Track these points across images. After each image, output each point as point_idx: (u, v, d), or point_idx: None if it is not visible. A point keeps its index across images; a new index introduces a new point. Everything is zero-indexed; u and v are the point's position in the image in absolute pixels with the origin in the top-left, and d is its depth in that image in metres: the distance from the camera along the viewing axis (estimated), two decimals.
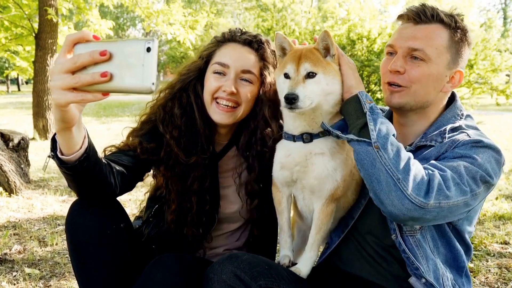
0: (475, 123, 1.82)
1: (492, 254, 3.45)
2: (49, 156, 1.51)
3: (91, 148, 1.51)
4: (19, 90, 43.70)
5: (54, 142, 1.47)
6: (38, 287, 2.88)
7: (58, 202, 4.97)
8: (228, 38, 2.02)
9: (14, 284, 2.90)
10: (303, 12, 19.54)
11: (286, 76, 1.69)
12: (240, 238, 2.22)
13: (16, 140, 5.33)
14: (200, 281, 1.60)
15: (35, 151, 7.91)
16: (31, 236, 3.82)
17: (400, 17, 1.81)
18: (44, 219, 4.34)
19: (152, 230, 2.10)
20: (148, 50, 1.12)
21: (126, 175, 1.80)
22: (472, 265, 3.20)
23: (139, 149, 1.91)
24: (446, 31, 1.72)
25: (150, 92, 1.14)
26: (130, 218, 1.97)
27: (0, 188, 5.08)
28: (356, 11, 14.69)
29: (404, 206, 1.44)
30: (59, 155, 1.46)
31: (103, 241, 1.72)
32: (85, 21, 11.59)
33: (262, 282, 1.50)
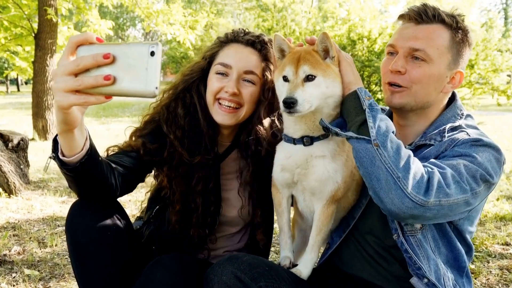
0: (475, 123, 1.82)
1: (493, 256, 3.44)
2: (50, 157, 1.50)
3: (92, 150, 1.50)
4: (19, 90, 43.66)
5: (55, 143, 1.47)
6: None
7: (57, 203, 4.95)
8: (231, 38, 2.01)
9: (14, 285, 2.89)
10: (304, 12, 19.55)
11: (285, 79, 1.66)
12: (241, 241, 2.22)
13: (15, 141, 5.32)
14: (200, 282, 1.59)
15: (34, 151, 7.91)
16: (30, 237, 3.81)
17: (401, 17, 1.80)
18: (44, 220, 4.32)
19: (153, 231, 2.09)
20: (152, 54, 1.12)
21: (127, 176, 1.80)
22: (473, 266, 3.19)
23: (142, 150, 1.91)
24: (447, 31, 1.72)
25: (153, 96, 1.14)
26: (130, 219, 1.96)
27: None
28: (357, 11, 14.69)
29: (404, 204, 1.44)
30: (60, 156, 1.46)
31: (103, 241, 1.72)
32: (84, 21, 11.59)
33: (262, 284, 1.49)
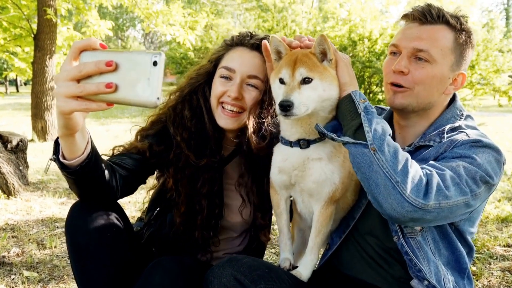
0: (475, 123, 1.81)
1: (494, 257, 3.43)
2: (51, 159, 1.50)
3: (94, 154, 1.50)
4: (18, 91, 43.65)
5: (56, 145, 1.46)
6: None
7: (56, 204, 4.94)
8: (237, 42, 2.01)
9: (12, 287, 2.88)
10: (304, 13, 19.55)
11: (281, 81, 1.64)
12: (241, 244, 2.22)
13: (14, 142, 5.30)
14: (200, 284, 1.58)
15: (33, 152, 7.90)
16: (29, 239, 3.80)
17: (405, 16, 1.79)
18: (43, 222, 4.31)
19: (153, 232, 2.09)
20: (154, 63, 1.12)
21: (128, 178, 1.80)
22: (474, 268, 3.18)
23: (148, 152, 1.92)
24: (451, 32, 1.70)
25: (155, 106, 1.14)
26: (130, 220, 1.95)
27: None
28: (357, 12, 14.68)
29: (404, 208, 1.42)
30: (61, 159, 1.45)
31: (103, 243, 1.71)
32: (84, 21, 11.57)
33: (262, 286, 1.49)
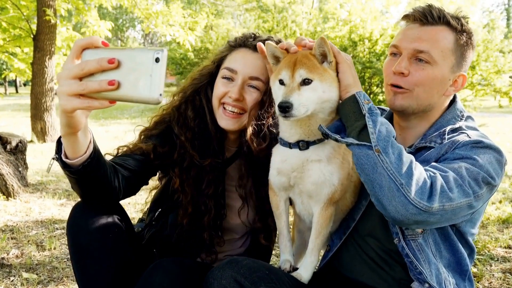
0: (476, 124, 1.80)
1: (495, 259, 3.42)
2: (53, 158, 1.50)
3: (96, 153, 1.50)
4: (17, 92, 43.66)
5: (59, 144, 1.46)
6: None
7: (56, 206, 4.93)
8: (240, 43, 2.01)
9: None
10: (304, 13, 19.55)
11: (281, 82, 1.64)
12: (243, 246, 2.22)
13: (14, 143, 5.30)
14: (200, 285, 1.58)
15: (33, 154, 7.89)
16: (28, 240, 3.79)
17: (406, 17, 1.78)
18: (42, 223, 4.31)
19: (154, 233, 2.09)
20: (156, 60, 1.11)
21: (131, 179, 1.80)
22: (475, 269, 3.17)
23: (152, 154, 1.92)
24: (452, 33, 1.70)
25: (157, 103, 1.14)
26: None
27: None
28: (358, 12, 14.64)
29: (408, 211, 1.42)
30: (64, 158, 1.45)
31: (105, 244, 1.71)
32: (83, 22, 11.56)
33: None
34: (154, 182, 2.21)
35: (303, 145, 1.71)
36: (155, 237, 2.07)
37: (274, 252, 3.53)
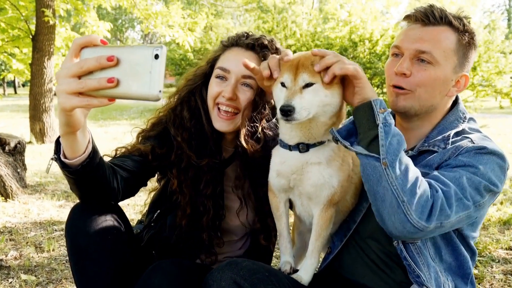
0: (478, 126, 1.80)
1: (497, 260, 3.41)
2: (52, 158, 1.50)
3: (95, 153, 1.49)
4: (16, 92, 43.53)
5: (58, 144, 1.45)
6: None
7: (55, 207, 4.92)
8: (232, 42, 2.02)
9: None
10: (304, 14, 19.57)
11: (283, 84, 1.63)
12: (242, 247, 2.21)
13: (12, 144, 5.29)
14: (199, 287, 1.57)
15: (31, 155, 7.88)
16: (27, 242, 3.78)
17: (407, 17, 1.77)
18: (41, 224, 4.29)
19: (153, 235, 2.08)
20: (156, 57, 1.12)
21: (129, 180, 1.80)
22: (476, 271, 3.16)
23: (151, 155, 1.92)
24: (454, 34, 1.69)
25: (157, 99, 1.14)
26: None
27: None
28: (358, 13, 14.65)
29: (406, 229, 1.45)
30: (62, 158, 1.44)
31: (103, 245, 1.70)
32: (82, 22, 11.56)
33: None
34: (153, 183, 2.21)
35: (303, 147, 1.71)
36: (154, 238, 2.06)
37: (274, 253, 3.53)
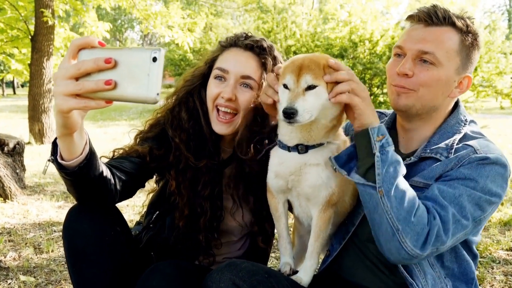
0: (479, 128, 1.79)
1: (497, 261, 3.41)
2: (49, 160, 1.49)
3: (92, 155, 1.48)
4: (15, 93, 43.52)
5: (55, 146, 1.45)
6: None
7: (54, 208, 4.91)
8: (231, 43, 2.01)
9: None
10: (304, 14, 19.55)
11: (285, 86, 1.62)
12: (241, 248, 2.20)
13: (11, 145, 5.27)
14: None
15: (30, 155, 7.87)
16: (26, 243, 3.77)
17: (410, 17, 1.75)
18: (40, 225, 4.28)
19: (152, 236, 2.07)
20: (154, 59, 1.12)
21: (127, 182, 1.79)
22: (477, 272, 3.15)
23: (149, 157, 1.92)
24: (457, 34, 1.67)
25: (154, 102, 1.13)
26: (128, 224, 1.93)
27: None
28: (358, 13, 14.63)
29: (401, 255, 1.49)
30: (59, 160, 1.44)
31: (101, 247, 1.70)
32: (82, 23, 11.55)
33: None
34: (151, 185, 2.20)
35: (302, 148, 1.70)
36: (152, 240, 2.06)
37: (274, 254, 3.51)
